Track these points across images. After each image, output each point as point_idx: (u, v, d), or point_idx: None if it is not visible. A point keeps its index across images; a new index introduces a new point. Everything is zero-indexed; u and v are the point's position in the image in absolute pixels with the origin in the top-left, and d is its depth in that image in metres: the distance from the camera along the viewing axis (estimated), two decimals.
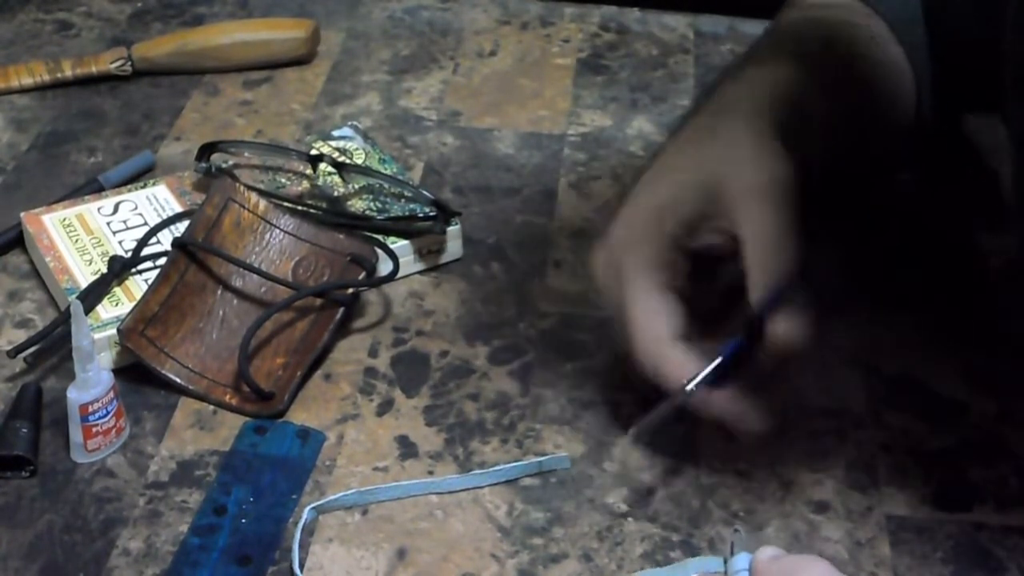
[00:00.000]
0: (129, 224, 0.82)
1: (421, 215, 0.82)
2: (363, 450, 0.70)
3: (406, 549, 0.65)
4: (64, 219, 0.82)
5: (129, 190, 0.85)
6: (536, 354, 0.77)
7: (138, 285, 0.77)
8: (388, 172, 0.86)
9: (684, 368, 0.65)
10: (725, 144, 0.69)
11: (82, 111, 0.98)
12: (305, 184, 0.86)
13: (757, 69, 0.75)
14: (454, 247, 0.83)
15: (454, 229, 0.83)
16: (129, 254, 0.79)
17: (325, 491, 0.68)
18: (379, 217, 0.83)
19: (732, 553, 0.58)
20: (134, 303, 0.75)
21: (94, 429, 0.69)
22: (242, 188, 0.81)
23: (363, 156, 0.88)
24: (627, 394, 0.73)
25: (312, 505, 0.66)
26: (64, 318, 0.73)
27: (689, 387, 0.64)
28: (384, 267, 0.79)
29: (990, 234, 0.86)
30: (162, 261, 0.78)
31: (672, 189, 0.69)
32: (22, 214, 0.83)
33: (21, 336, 0.76)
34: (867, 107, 0.78)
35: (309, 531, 0.66)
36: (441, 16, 1.10)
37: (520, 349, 0.77)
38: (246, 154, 0.87)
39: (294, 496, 0.67)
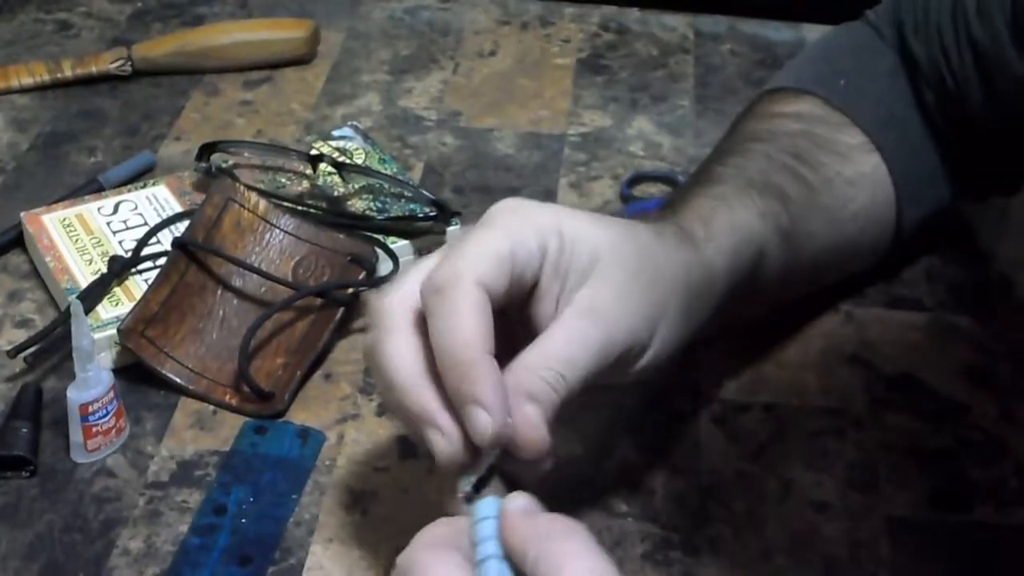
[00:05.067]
0: (129, 224, 0.82)
1: (421, 215, 0.82)
2: (363, 450, 0.70)
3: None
4: (64, 219, 0.82)
5: (129, 190, 0.85)
6: None
7: (138, 285, 0.77)
8: (388, 172, 0.86)
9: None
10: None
11: (82, 111, 0.98)
12: (305, 184, 0.86)
13: (725, 209, 0.68)
14: None
15: (454, 229, 0.83)
16: (129, 254, 0.79)
17: (325, 491, 0.68)
18: (379, 217, 0.83)
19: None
20: (134, 303, 0.75)
21: (94, 429, 0.69)
22: (242, 188, 0.81)
23: (363, 156, 0.88)
24: (628, 395, 0.73)
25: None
26: (64, 318, 0.73)
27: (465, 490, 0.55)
28: (384, 267, 0.79)
29: (990, 234, 0.86)
30: (162, 261, 0.78)
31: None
32: (22, 214, 0.83)
33: (21, 336, 0.76)
34: (841, 227, 0.75)
35: (309, 531, 0.66)
36: (441, 16, 1.10)
37: None
38: (246, 154, 0.87)
39: (294, 496, 0.67)
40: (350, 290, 0.78)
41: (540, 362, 0.57)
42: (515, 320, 0.60)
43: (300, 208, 0.83)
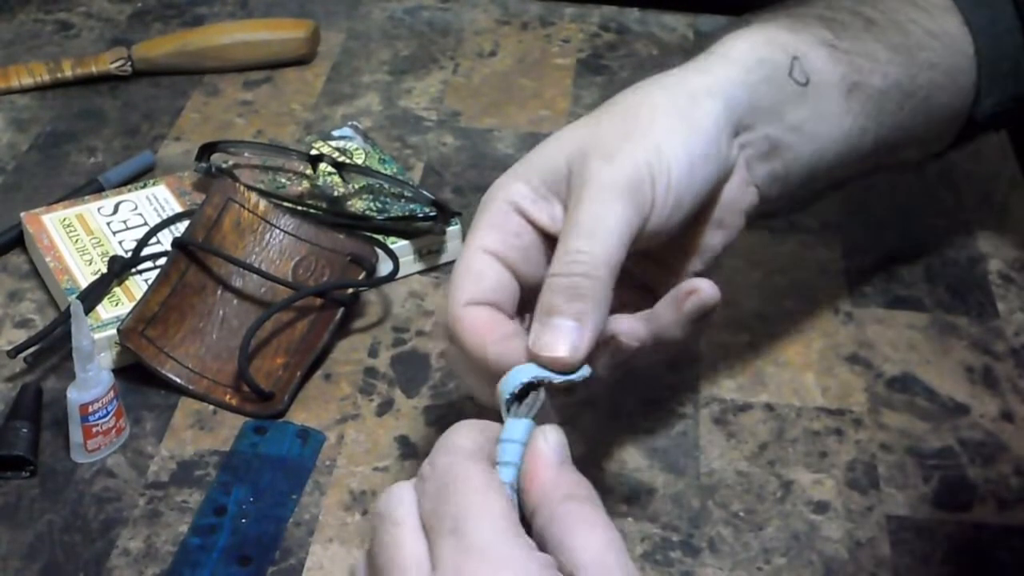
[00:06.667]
0: (129, 224, 0.82)
1: (421, 215, 0.82)
2: (363, 450, 0.70)
3: None
4: (64, 219, 0.82)
5: (129, 190, 0.85)
6: None
7: (138, 285, 0.77)
8: (388, 172, 0.86)
9: (477, 331, 0.58)
10: (645, 113, 0.63)
11: (82, 111, 0.98)
12: (305, 184, 0.86)
13: (759, 28, 0.66)
14: (454, 247, 0.83)
15: (454, 229, 0.83)
16: (129, 254, 0.79)
17: (325, 491, 0.68)
18: (379, 217, 0.83)
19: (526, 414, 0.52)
20: (134, 303, 0.75)
21: (94, 429, 0.69)
22: (242, 188, 0.81)
23: (363, 156, 0.88)
24: (627, 394, 0.73)
25: None
26: (64, 318, 0.73)
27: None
28: (384, 267, 0.79)
29: (990, 234, 0.86)
30: (162, 261, 0.78)
31: (552, 146, 0.61)
32: (22, 214, 0.83)
33: (21, 336, 0.76)
34: (913, 75, 0.70)
35: (309, 531, 0.66)
36: (441, 16, 1.10)
37: None
38: (246, 154, 0.87)
39: (294, 496, 0.67)
40: (350, 290, 0.78)
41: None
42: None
43: (300, 208, 0.83)
